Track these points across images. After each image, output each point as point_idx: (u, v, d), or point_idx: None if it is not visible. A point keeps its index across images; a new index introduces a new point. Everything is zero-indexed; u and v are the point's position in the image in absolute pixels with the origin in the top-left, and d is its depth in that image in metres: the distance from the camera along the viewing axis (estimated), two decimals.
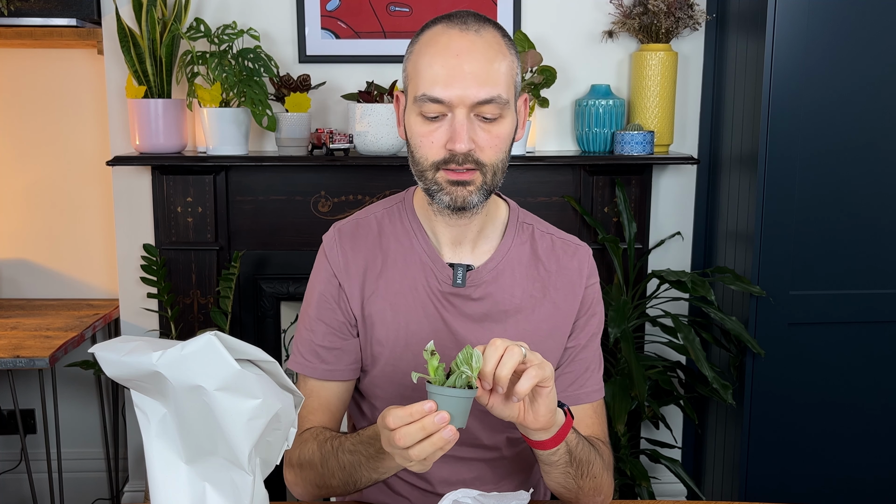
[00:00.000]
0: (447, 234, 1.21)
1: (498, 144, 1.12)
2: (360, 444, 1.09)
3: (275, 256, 2.43)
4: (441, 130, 1.10)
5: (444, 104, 1.09)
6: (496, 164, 1.13)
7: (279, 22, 2.41)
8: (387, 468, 1.08)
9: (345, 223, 1.27)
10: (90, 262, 2.67)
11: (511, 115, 1.13)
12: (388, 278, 1.22)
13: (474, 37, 1.10)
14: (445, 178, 1.12)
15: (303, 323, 1.26)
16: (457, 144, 1.08)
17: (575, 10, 2.46)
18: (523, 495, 1.11)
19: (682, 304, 2.54)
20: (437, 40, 1.11)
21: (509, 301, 1.22)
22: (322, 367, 1.23)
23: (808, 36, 2.11)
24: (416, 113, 1.12)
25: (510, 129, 1.14)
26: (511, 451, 1.28)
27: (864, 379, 2.27)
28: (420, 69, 1.11)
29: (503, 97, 1.09)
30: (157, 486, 0.85)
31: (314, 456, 1.16)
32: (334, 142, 2.23)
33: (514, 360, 0.95)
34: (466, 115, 1.09)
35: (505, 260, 1.23)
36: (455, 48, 1.09)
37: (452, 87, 1.08)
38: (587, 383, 1.25)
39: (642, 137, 2.33)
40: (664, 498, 2.65)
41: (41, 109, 2.59)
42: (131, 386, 0.85)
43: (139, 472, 2.61)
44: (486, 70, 1.08)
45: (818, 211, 2.19)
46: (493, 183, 1.14)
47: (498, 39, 1.12)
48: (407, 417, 0.92)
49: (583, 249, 1.28)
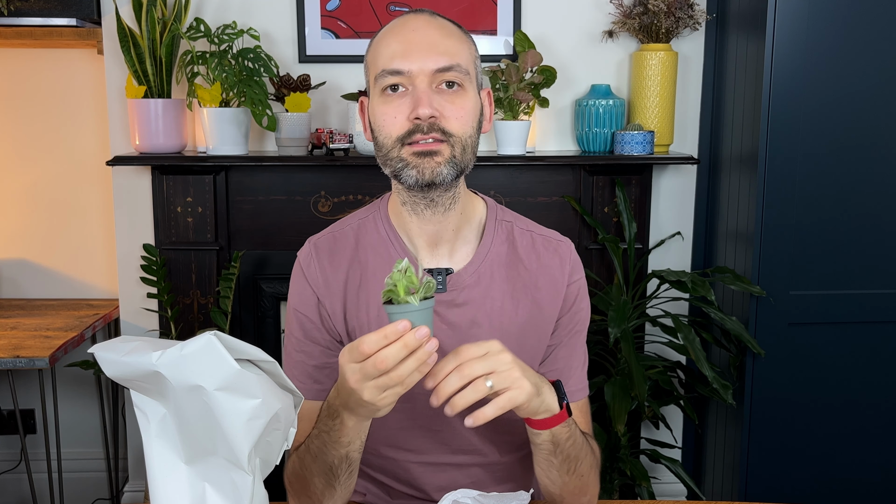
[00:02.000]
0: (423, 237, 1.18)
1: (463, 116, 1.09)
2: (320, 423, 1.07)
3: (275, 256, 2.43)
4: (404, 104, 1.08)
5: (405, 75, 1.08)
6: (465, 138, 1.10)
7: (279, 22, 2.41)
8: (349, 437, 1.05)
9: (320, 238, 1.24)
10: (90, 262, 2.67)
11: (474, 92, 1.12)
12: (369, 291, 1.18)
13: (429, 17, 1.13)
14: (410, 151, 1.08)
15: (290, 345, 1.23)
16: (420, 109, 1.06)
17: (575, 10, 2.46)
18: (523, 495, 1.11)
19: (682, 304, 2.55)
20: (392, 25, 1.14)
21: (490, 304, 1.18)
22: (315, 388, 1.20)
23: (808, 36, 2.11)
24: (379, 94, 1.11)
25: (475, 105, 1.12)
26: (509, 456, 1.26)
27: (864, 379, 2.27)
28: (378, 52, 1.12)
29: (462, 66, 1.09)
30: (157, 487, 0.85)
31: (295, 465, 1.15)
32: (334, 142, 2.23)
33: (476, 396, 0.94)
34: (428, 84, 1.08)
35: (485, 262, 1.19)
36: (411, 25, 1.11)
37: (411, 58, 1.08)
38: (569, 382, 1.22)
39: (642, 137, 2.33)
40: (664, 498, 2.65)
41: (41, 109, 2.59)
42: (131, 386, 0.85)
43: (139, 472, 2.61)
44: (443, 42, 1.09)
45: (818, 211, 2.19)
46: (464, 161, 1.11)
47: (454, 27, 1.14)
48: (383, 340, 0.90)
49: (564, 245, 1.25)
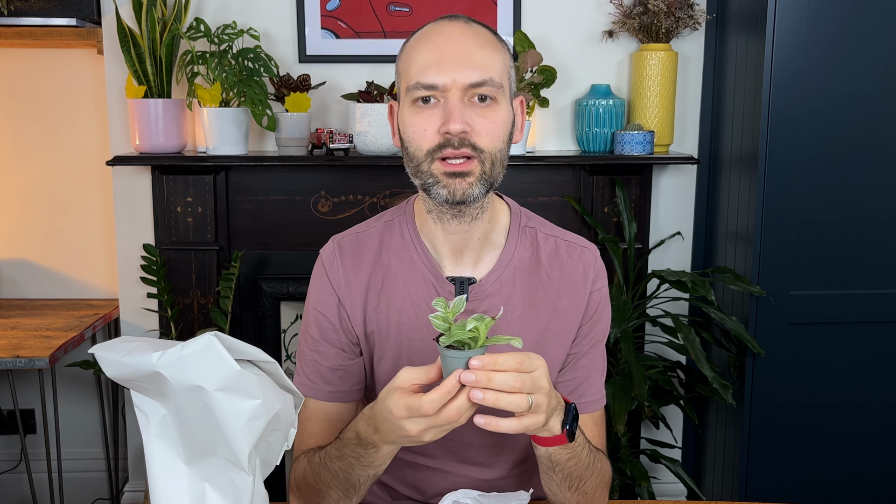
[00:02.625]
0: (448, 245, 1.16)
1: (494, 130, 1.07)
2: (344, 448, 1.06)
3: (275, 256, 2.43)
4: (435, 117, 1.07)
5: (438, 89, 1.06)
6: (494, 153, 1.08)
7: (279, 22, 2.41)
8: (382, 460, 1.05)
9: (345, 238, 1.22)
10: (90, 262, 2.67)
11: (506, 104, 1.10)
12: (390, 295, 1.17)
13: (464, 26, 1.10)
14: (442, 169, 1.07)
15: (305, 343, 1.21)
16: (451, 125, 1.04)
17: (575, 10, 2.46)
18: (523, 495, 1.11)
19: (682, 304, 2.54)
20: (427, 32, 1.11)
21: (511, 312, 1.17)
22: (327, 389, 1.19)
23: (808, 36, 2.11)
24: (410, 104, 1.09)
25: (507, 118, 1.09)
26: (515, 472, 1.26)
27: (864, 379, 2.27)
28: (411, 60, 1.09)
29: (496, 80, 1.07)
30: (157, 487, 0.85)
31: (307, 474, 1.14)
32: (334, 142, 2.23)
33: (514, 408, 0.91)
34: (460, 98, 1.06)
35: (507, 270, 1.18)
36: (446, 34, 1.08)
37: (444, 71, 1.05)
38: (588, 392, 1.21)
39: (642, 137, 2.33)
40: (664, 498, 2.65)
41: (41, 109, 2.59)
42: (131, 386, 0.85)
43: (139, 472, 2.61)
44: (478, 55, 1.07)
45: (818, 211, 2.19)
46: (493, 175, 1.09)
47: (490, 35, 1.11)
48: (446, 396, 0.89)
49: (589, 252, 1.22)
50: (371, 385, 1.23)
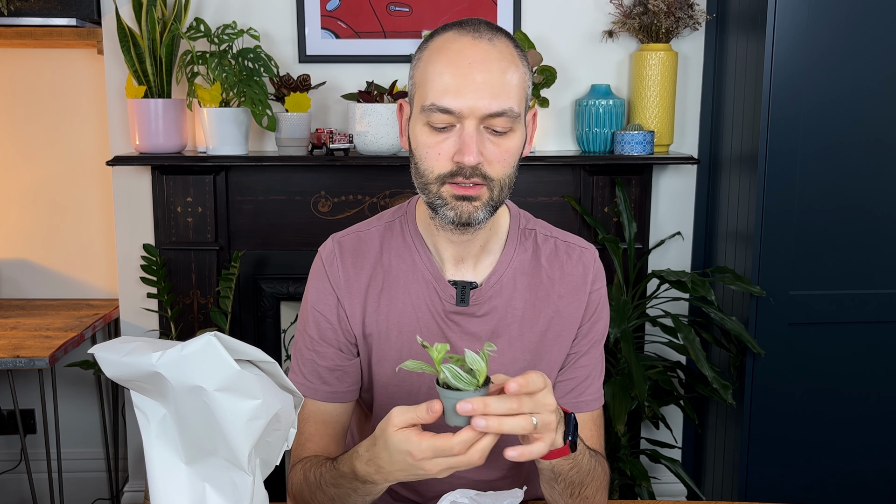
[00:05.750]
0: (450, 251, 1.17)
1: (507, 159, 1.07)
2: (340, 479, 1.06)
3: (275, 256, 2.43)
4: (449, 142, 1.05)
5: (454, 115, 1.03)
6: (503, 180, 1.08)
7: (279, 22, 2.41)
8: (380, 490, 1.05)
9: (345, 236, 1.22)
10: (90, 262, 2.67)
11: (521, 129, 1.09)
12: (390, 296, 1.17)
13: (487, 46, 1.05)
14: (451, 192, 1.06)
15: (302, 342, 1.21)
16: (465, 157, 1.03)
17: (575, 10, 2.46)
18: (517, 493, 1.11)
19: (682, 304, 2.55)
20: (448, 47, 1.06)
21: (511, 314, 1.18)
22: (325, 389, 1.19)
23: (808, 36, 2.11)
24: (423, 123, 1.06)
25: (519, 144, 1.09)
26: (513, 470, 1.26)
27: (864, 379, 2.27)
28: (429, 77, 1.06)
29: (515, 110, 1.05)
30: (157, 487, 0.85)
31: (303, 491, 1.14)
32: (334, 142, 2.23)
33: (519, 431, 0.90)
34: (476, 127, 1.03)
35: (507, 272, 1.18)
36: (468, 56, 1.04)
37: (463, 98, 1.02)
38: (587, 391, 1.22)
39: (642, 137, 2.33)
40: (664, 498, 2.65)
41: (41, 109, 2.59)
42: (131, 386, 0.85)
43: (139, 472, 2.61)
44: (498, 81, 1.04)
45: (818, 211, 2.19)
46: (500, 199, 1.09)
47: (511, 50, 1.07)
48: (471, 440, 0.89)
49: (588, 252, 1.23)
50: (368, 387, 1.23)
